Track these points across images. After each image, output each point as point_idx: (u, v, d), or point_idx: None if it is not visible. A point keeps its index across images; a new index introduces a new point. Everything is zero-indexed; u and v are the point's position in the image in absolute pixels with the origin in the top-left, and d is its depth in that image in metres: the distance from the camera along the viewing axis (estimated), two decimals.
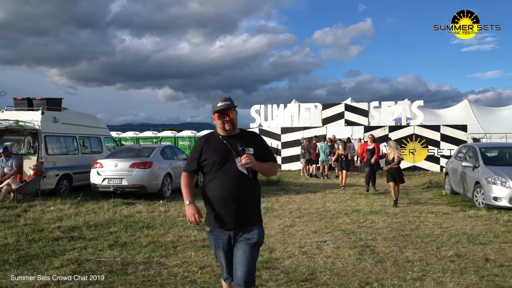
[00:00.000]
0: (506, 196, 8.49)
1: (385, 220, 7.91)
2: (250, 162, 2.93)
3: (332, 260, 5.31)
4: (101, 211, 8.70)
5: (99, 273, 4.72)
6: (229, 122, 3.06)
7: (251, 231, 3.01)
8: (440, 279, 4.56)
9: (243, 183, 2.99)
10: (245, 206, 3.00)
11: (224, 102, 3.05)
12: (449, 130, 19.67)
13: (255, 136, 3.24)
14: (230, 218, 2.98)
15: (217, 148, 3.06)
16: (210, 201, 3.04)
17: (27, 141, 13.11)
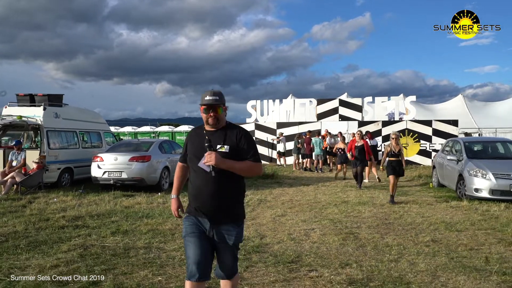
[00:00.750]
0: (486, 187, 8.97)
1: (371, 211, 8.38)
2: (210, 161, 2.81)
3: (317, 245, 5.78)
4: (102, 203, 9.14)
5: (103, 256, 5.17)
6: (213, 118, 2.96)
7: (229, 232, 2.95)
8: (414, 261, 5.03)
9: (217, 180, 2.88)
10: (221, 203, 2.92)
11: (212, 96, 2.96)
12: (440, 125, 20.15)
13: (238, 132, 3.03)
14: (204, 213, 2.94)
15: (197, 142, 3.02)
16: (189, 191, 3.05)
17: (26, 136, 13.55)
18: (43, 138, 11.26)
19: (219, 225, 2.94)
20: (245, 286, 4.20)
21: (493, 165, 9.32)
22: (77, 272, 4.56)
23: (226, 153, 2.88)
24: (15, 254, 5.27)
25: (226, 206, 2.95)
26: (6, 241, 5.90)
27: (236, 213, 3.02)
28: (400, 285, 4.20)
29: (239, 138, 2.98)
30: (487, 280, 4.32)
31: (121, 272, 4.57)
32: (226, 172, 2.87)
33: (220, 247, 2.96)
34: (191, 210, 3.01)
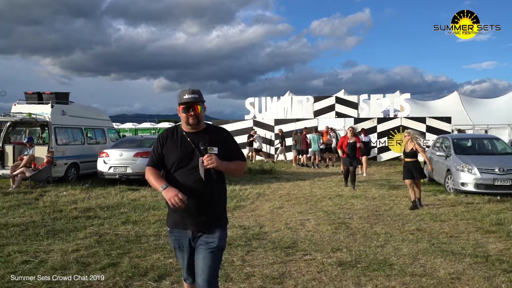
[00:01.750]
0: (471, 181, 9.54)
1: (363, 203, 8.93)
2: (212, 163, 2.70)
3: (312, 233, 6.33)
4: (110, 196, 9.66)
5: (118, 242, 5.71)
6: (194, 117, 2.84)
7: (212, 234, 2.82)
8: (398, 246, 5.58)
9: (205, 185, 2.76)
10: (207, 208, 2.80)
11: (191, 94, 2.83)
12: (434, 122, 20.72)
13: (222, 133, 3.01)
14: (189, 220, 2.80)
15: (178, 146, 2.84)
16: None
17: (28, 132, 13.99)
18: (51, 135, 11.76)
19: (205, 229, 2.82)
20: (247, 267, 4.74)
21: (478, 161, 9.88)
22: (96, 255, 5.10)
23: (216, 154, 2.77)
24: (37, 240, 5.81)
25: (216, 208, 2.86)
26: (26, 229, 6.43)
27: (225, 217, 2.98)
28: (384, 266, 4.75)
29: (225, 140, 2.94)
30: (460, 262, 4.88)
31: (136, 256, 5.11)
32: (216, 174, 2.79)
33: (203, 252, 2.80)
34: (174, 223, 2.88)
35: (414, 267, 4.75)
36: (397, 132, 20.70)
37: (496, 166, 9.52)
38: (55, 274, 4.40)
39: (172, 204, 2.65)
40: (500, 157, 10.29)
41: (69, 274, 4.41)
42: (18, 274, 4.40)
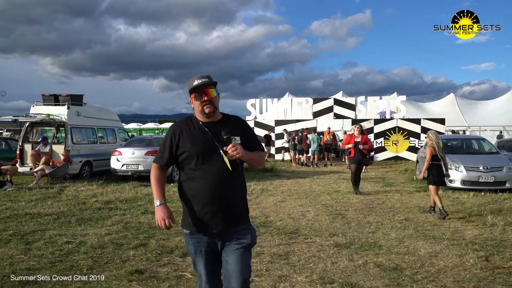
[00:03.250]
0: (458, 178, 10.37)
1: (359, 198, 9.75)
2: (238, 153, 2.52)
3: (312, 222, 7.15)
4: (125, 191, 10.47)
5: (142, 228, 6.53)
6: (208, 104, 2.61)
7: (242, 232, 2.63)
8: (387, 232, 6.40)
9: (229, 178, 2.59)
10: (233, 204, 2.62)
11: (201, 79, 2.62)
12: (428, 123, 21.55)
13: (241, 122, 2.82)
14: (216, 220, 2.56)
15: (197, 137, 2.61)
16: (190, 201, 2.60)
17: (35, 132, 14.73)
18: (67, 134, 12.56)
19: (232, 229, 2.61)
20: (256, 247, 5.54)
21: (465, 159, 10.73)
22: (126, 237, 5.92)
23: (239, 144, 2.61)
24: (70, 227, 6.62)
25: (241, 203, 2.71)
26: (58, 218, 7.24)
27: (247, 210, 2.77)
28: (374, 247, 5.57)
29: (244, 129, 2.77)
30: (439, 244, 5.70)
31: (160, 238, 5.92)
32: (238, 167, 2.63)
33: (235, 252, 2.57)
34: (195, 225, 2.61)
35: (399, 248, 5.57)
36: (393, 133, 21.53)
37: (481, 165, 10.36)
38: (94, 252, 5.21)
39: (158, 224, 2.60)
40: (485, 156, 11.14)
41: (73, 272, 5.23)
42: (63, 252, 5.21)
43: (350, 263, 4.91)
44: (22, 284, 4.10)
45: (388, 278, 4.38)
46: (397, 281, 4.30)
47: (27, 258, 4.95)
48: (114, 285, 4.14)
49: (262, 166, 3.14)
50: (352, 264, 4.88)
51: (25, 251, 5.21)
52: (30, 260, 4.85)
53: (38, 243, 5.58)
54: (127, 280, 4.25)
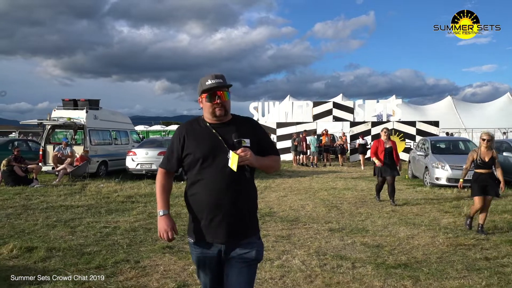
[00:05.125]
0: (444, 176, 11.42)
1: (353, 194, 10.81)
2: (247, 159, 2.35)
3: (310, 213, 8.21)
4: (141, 187, 11.53)
5: None
6: (220, 106, 2.46)
7: (248, 245, 2.46)
8: (375, 220, 7.45)
9: (237, 185, 2.40)
10: (241, 213, 2.44)
11: (215, 79, 2.45)
12: (423, 126, 22.58)
13: (252, 123, 2.65)
14: (221, 229, 2.40)
15: (203, 139, 2.46)
16: (195, 208, 2.46)
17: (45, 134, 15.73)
18: (86, 136, 13.66)
19: (237, 241, 2.44)
20: (263, 231, 6.61)
21: (451, 159, 11.77)
22: (152, 224, 6.98)
23: (249, 148, 2.42)
24: (102, 216, 7.68)
25: (248, 213, 2.50)
26: (89, 209, 8.31)
27: (256, 222, 2.59)
28: (362, 231, 6.61)
29: (256, 131, 2.58)
30: (417, 229, 6.75)
31: (181, 224, 6.95)
32: (245, 172, 2.41)
33: (237, 265, 2.44)
34: (200, 235, 2.45)
35: (383, 232, 6.63)
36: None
37: (464, 163, 11.38)
38: (129, 234, 6.27)
39: (160, 235, 2.52)
40: None
41: (116, 247, 6.29)
42: (103, 234, 6.27)
43: (340, 242, 5.97)
44: (80, 254, 5.17)
45: (371, 252, 5.43)
46: (378, 254, 5.35)
47: (75, 238, 6.03)
48: (152, 255, 5.20)
49: (276, 172, 3.17)
50: (342, 243, 5.94)
51: (71, 233, 6.29)
52: (78, 239, 5.93)
53: (80, 227, 6.66)
54: (161, 253, 5.32)
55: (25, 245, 5.35)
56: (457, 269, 4.74)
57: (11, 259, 4.95)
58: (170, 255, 5.25)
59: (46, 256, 5.03)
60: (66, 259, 4.97)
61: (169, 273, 4.57)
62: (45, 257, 5.00)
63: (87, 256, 5.09)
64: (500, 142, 13.59)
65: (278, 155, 2.68)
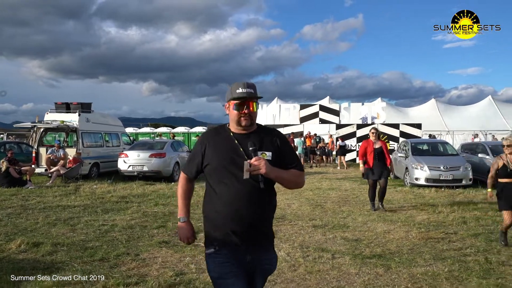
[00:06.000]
0: (423, 177, 12.07)
1: (337, 193, 11.38)
2: (261, 168, 2.29)
3: (295, 211, 8.73)
4: (133, 188, 11.93)
5: (158, 216, 8.04)
6: (247, 117, 2.43)
7: (268, 258, 2.48)
8: (355, 218, 8.00)
9: (257, 196, 2.36)
10: (260, 225, 2.42)
11: (247, 89, 2.41)
12: (406, 128, 23.33)
13: (277, 135, 2.57)
14: (242, 240, 2.37)
15: (223, 149, 2.44)
16: (213, 217, 2.42)
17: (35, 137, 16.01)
18: (78, 139, 14.01)
19: (259, 253, 2.43)
20: None
21: (429, 160, 12.43)
22: (147, 222, 7.43)
23: (269, 160, 2.38)
24: (99, 215, 8.08)
25: (267, 225, 2.50)
26: (86, 209, 8.70)
27: (273, 234, 2.58)
28: (343, 227, 7.16)
29: (280, 144, 2.52)
30: (393, 225, 7.33)
31: (175, 222, 7.41)
32: (264, 183, 2.36)
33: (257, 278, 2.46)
34: (219, 241, 2.40)
35: (362, 227, 7.18)
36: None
37: (442, 165, 12.07)
38: (126, 231, 6.70)
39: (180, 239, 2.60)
40: (446, 158, 12.86)
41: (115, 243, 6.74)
42: (102, 231, 6.70)
43: (323, 237, 6.51)
44: (83, 248, 5.61)
45: (349, 245, 5.97)
46: (356, 247, 5.89)
47: (76, 234, 6.45)
48: (150, 249, 5.66)
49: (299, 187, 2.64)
50: (324, 237, 6.47)
51: (72, 230, 6.71)
52: (80, 236, 6.35)
53: (79, 225, 7.08)
54: (158, 247, 5.78)
55: (31, 241, 5.76)
56: (425, 258, 5.30)
57: (20, 253, 5.37)
58: (167, 248, 5.71)
59: (52, 250, 5.47)
60: (71, 252, 5.41)
61: (167, 264, 5.04)
62: (52, 251, 5.44)
63: (90, 250, 5.54)
64: (475, 144, 14.32)
65: (302, 170, 2.57)
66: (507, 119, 30.43)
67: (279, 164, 2.43)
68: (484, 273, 4.71)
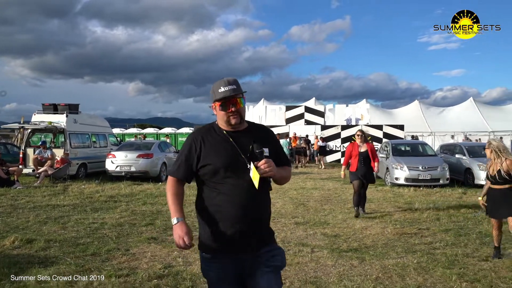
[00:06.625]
0: (402, 176, 12.55)
1: (320, 193, 11.77)
2: (271, 170, 2.30)
3: (279, 209, 9.08)
4: (121, 188, 12.14)
5: (146, 214, 8.31)
6: (235, 114, 2.38)
7: (272, 252, 2.43)
8: (336, 215, 8.39)
9: (257, 195, 2.34)
10: (262, 223, 2.43)
11: (228, 86, 2.35)
12: (389, 129, 23.91)
13: (268, 132, 2.60)
14: (246, 240, 2.33)
15: (222, 149, 2.38)
16: (212, 219, 2.36)
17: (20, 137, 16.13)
18: (66, 139, 14.17)
19: (260, 251, 2.39)
20: None
21: (408, 160, 12.92)
22: (136, 220, 7.70)
23: (267, 157, 2.37)
24: (88, 213, 8.32)
25: (267, 224, 2.51)
26: (75, 208, 8.93)
27: (272, 230, 2.58)
28: (323, 224, 7.53)
29: (272, 141, 2.54)
30: (371, 221, 7.73)
31: (162, 220, 7.72)
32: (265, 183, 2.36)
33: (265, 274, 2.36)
34: (219, 247, 2.37)
35: (342, 224, 7.56)
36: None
37: (420, 165, 12.57)
38: (115, 229, 6.96)
39: (177, 244, 2.34)
40: (425, 158, 13.37)
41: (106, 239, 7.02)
42: (92, 228, 6.95)
43: (304, 233, 6.87)
44: (75, 244, 5.87)
45: (328, 241, 6.34)
46: (334, 242, 6.27)
47: (67, 232, 6.70)
48: (140, 245, 5.95)
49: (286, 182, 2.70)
50: (305, 233, 6.83)
51: (63, 228, 6.95)
52: (71, 233, 6.60)
53: (70, 223, 7.32)
54: (147, 242, 6.07)
55: (25, 238, 6.00)
56: (397, 251, 5.70)
57: (14, 249, 5.61)
58: (155, 244, 6.00)
59: (45, 246, 5.72)
60: (63, 248, 5.67)
61: (156, 258, 5.33)
62: (45, 247, 5.69)
63: (81, 246, 5.80)
64: (453, 145, 14.87)
65: (290, 165, 2.64)
66: (488, 120, 31.28)
67: (274, 160, 2.39)
68: (449, 264, 5.12)
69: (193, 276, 4.60)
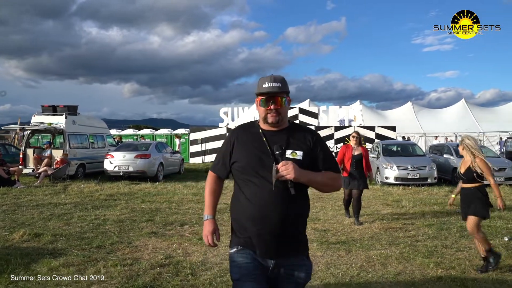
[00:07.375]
0: (392, 176, 12.99)
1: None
2: (288, 173, 2.15)
3: None
4: (120, 187, 12.50)
5: (146, 211, 8.68)
6: (274, 113, 2.31)
7: (297, 265, 2.32)
8: (327, 212, 8.81)
9: (284, 199, 2.22)
10: (288, 230, 2.26)
11: (273, 83, 2.29)
12: (382, 130, 24.37)
13: (310, 135, 2.41)
14: (267, 244, 2.26)
15: (251, 147, 2.33)
16: (240, 217, 2.34)
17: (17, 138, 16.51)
18: (65, 140, 14.49)
19: (286, 258, 2.31)
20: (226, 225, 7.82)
21: (398, 160, 13.37)
22: (136, 216, 8.07)
23: (299, 161, 2.26)
24: (90, 211, 8.68)
25: (297, 231, 2.34)
26: (76, 206, 9.28)
27: (305, 241, 2.43)
28: (315, 220, 7.93)
29: (314, 143, 2.38)
30: (360, 218, 8.13)
31: (161, 216, 8.10)
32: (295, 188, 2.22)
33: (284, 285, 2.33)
34: (244, 241, 2.33)
35: (332, 220, 7.98)
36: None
37: (409, 164, 13.02)
38: (117, 225, 7.33)
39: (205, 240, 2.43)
40: (414, 158, 13.82)
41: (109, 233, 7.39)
42: (95, 224, 7.32)
43: None
44: (80, 238, 6.24)
45: (318, 234, 6.76)
46: (323, 235, 6.68)
47: (71, 227, 7.07)
48: (141, 238, 6.33)
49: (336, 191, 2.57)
50: None
51: (67, 224, 7.32)
52: (75, 228, 6.97)
53: (73, 220, 7.69)
54: (148, 236, 6.45)
55: (33, 232, 6.37)
56: (382, 244, 6.12)
57: (23, 242, 5.97)
58: (156, 238, 6.39)
59: (52, 240, 6.10)
60: (70, 241, 6.04)
61: (157, 250, 5.72)
62: (52, 240, 6.06)
63: (86, 239, 6.18)
64: (442, 146, 15.34)
65: (338, 172, 2.43)
66: (479, 122, 31.88)
67: (311, 165, 2.31)
68: (428, 254, 5.55)
69: (192, 265, 4.99)
